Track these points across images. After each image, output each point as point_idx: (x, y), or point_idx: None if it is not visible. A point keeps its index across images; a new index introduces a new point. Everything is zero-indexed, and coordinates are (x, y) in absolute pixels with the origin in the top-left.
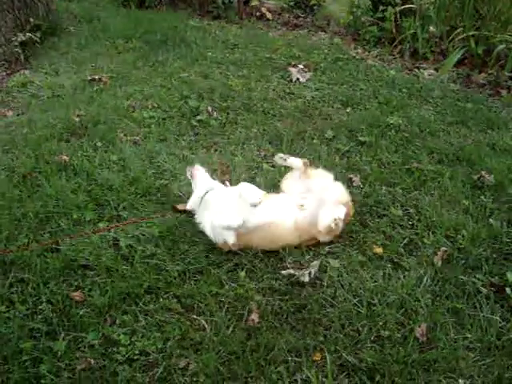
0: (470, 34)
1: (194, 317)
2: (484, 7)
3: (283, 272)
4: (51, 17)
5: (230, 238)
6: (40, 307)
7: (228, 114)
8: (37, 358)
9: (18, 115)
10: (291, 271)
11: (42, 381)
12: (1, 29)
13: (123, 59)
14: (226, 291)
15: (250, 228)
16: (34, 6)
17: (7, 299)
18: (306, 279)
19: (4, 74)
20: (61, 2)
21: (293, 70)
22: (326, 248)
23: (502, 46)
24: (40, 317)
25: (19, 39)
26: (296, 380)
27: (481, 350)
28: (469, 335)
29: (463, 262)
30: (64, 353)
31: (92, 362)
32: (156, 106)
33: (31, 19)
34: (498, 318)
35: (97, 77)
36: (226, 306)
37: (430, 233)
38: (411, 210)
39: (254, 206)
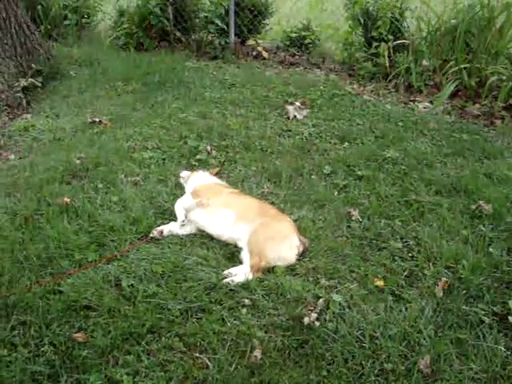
0: (462, 66)
1: (197, 355)
2: (474, 41)
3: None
4: (52, 62)
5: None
6: (42, 349)
7: (227, 152)
8: None
9: (20, 158)
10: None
11: None
12: (4, 75)
13: (123, 101)
14: (228, 329)
15: None
16: (36, 52)
17: (9, 342)
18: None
19: (6, 118)
20: (61, 47)
21: (290, 107)
22: (327, 282)
23: (494, 78)
24: (42, 359)
25: (21, 84)
26: None
27: (486, 381)
28: (473, 366)
29: (464, 291)
30: None
31: None
32: (156, 146)
33: (33, 65)
34: (502, 348)
35: (97, 119)
36: (229, 343)
37: (431, 264)
38: (411, 242)
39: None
